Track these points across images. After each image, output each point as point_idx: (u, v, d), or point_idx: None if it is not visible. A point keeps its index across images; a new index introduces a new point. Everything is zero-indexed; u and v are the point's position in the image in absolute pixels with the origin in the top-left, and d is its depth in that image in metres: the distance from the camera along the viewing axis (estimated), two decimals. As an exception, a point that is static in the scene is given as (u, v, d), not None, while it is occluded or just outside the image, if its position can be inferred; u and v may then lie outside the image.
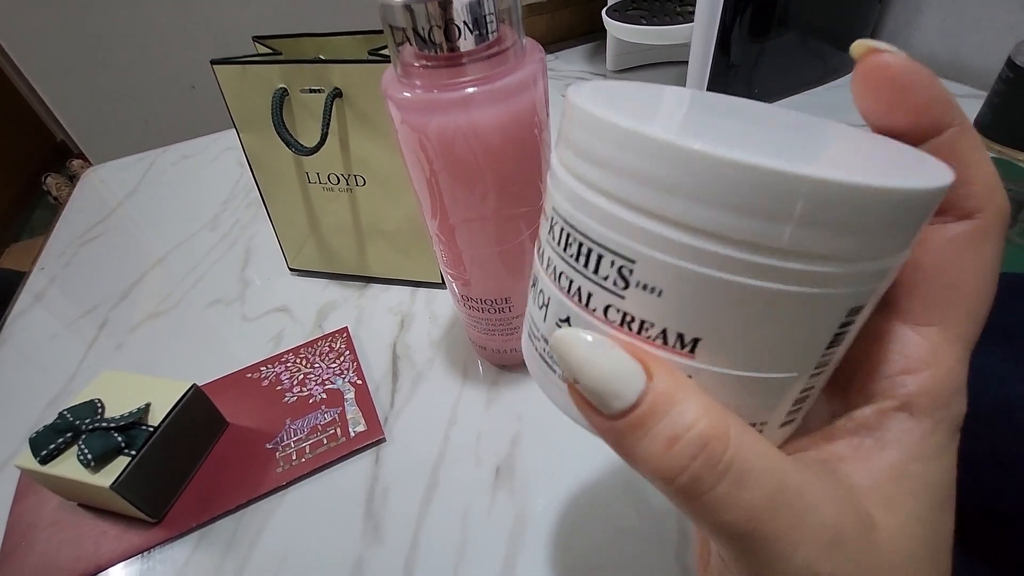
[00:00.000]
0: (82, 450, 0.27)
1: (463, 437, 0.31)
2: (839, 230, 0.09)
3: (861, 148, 0.12)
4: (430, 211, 0.27)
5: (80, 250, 0.52)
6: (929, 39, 0.58)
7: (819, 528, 0.10)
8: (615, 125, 0.10)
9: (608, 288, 0.11)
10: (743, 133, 0.12)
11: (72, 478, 0.26)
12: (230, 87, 0.36)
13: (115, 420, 0.28)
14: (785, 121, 0.14)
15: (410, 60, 0.22)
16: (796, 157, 0.10)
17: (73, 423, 0.28)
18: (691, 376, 0.11)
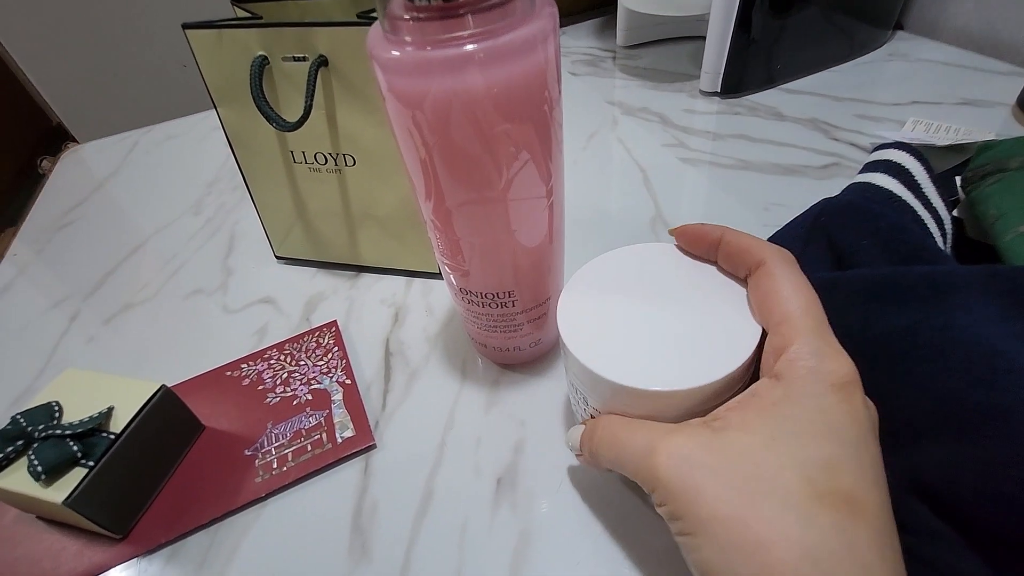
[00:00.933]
0: (32, 461, 0.24)
1: (461, 443, 0.28)
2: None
3: (698, 329, 0.21)
4: (423, 192, 0.23)
5: (55, 236, 0.49)
6: (964, 13, 0.54)
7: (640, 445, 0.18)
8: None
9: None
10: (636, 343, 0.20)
11: (22, 492, 0.24)
12: (205, 55, 0.33)
13: (72, 427, 0.25)
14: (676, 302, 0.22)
15: (399, 12, 0.19)
16: (655, 372, 0.19)
17: (25, 429, 0.25)
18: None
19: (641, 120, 0.52)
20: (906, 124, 0.44)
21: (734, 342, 0.19)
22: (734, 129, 0.49)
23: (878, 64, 0.54)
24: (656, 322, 0.21)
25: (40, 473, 0.23)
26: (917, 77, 0.51)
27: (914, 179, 0.29)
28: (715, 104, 0.53)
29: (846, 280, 0.22)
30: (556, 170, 0.23)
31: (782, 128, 0.48)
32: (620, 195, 0.43)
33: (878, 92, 0.50)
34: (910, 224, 0.26)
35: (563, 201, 0.25)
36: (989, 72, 0.50)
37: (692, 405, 0.19)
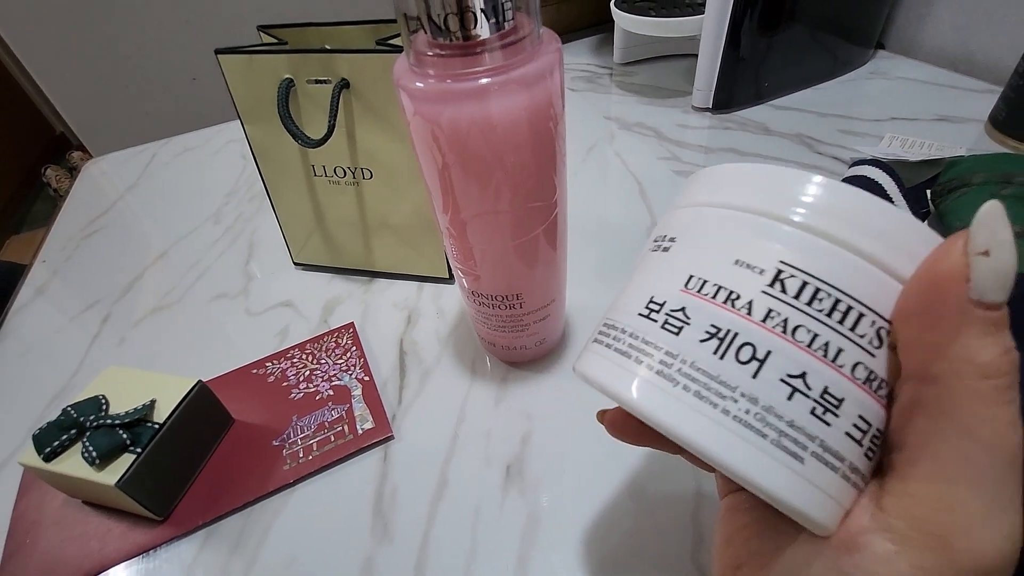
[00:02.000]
0: (87, 447, 0.26)
1: (472, 435, 0.31)
2: None
3: None
4: (442, 205, 0.26)
5: (82, 243, 0.52)
6: (940, 32, 0.57)
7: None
8: (878, 201, 0.12)
9: (863, 346, 0.12)
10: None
11: (77, 476, 0.26)
12: (235, 77, 0.35)
13: (120, 417, 0.27)
14: None
15: (423, 49, 0.22)
16: None
17: (77, 420, 0.27)
18: (883, 434, 0.13)
19: (637, 134, 0.55)
20: (883, 139, 0.47)
21: None
22: (725, 143, 0.52)
23: (860, 82, 0.57)
24: None
25: (95, 458, 0.26)
26: (896, 94, 0.54)
27: (886, 194, 0.32)
28: (707, 119, 0.56)
29: None
30: (560, 183, 0.26)
31: (770, 142, 0.51)
32: (617, 205, 0.46)
33: (859, 108, 0.53)
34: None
35: (567, 210, 0.28)
36: (964, 90, 0.53)
37: None
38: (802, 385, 0.12)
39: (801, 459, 0.12)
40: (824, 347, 0.12)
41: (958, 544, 0.11)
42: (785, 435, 0.12)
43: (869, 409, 0.12)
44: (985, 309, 0.11)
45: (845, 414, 0.12)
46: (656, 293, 0.14)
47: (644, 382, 0.13)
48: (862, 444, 0.12)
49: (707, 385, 0.12)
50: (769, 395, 0.12)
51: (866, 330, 0.12)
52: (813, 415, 0.12)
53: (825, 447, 0.12)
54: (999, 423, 0.11)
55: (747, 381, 0.12)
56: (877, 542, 0.12)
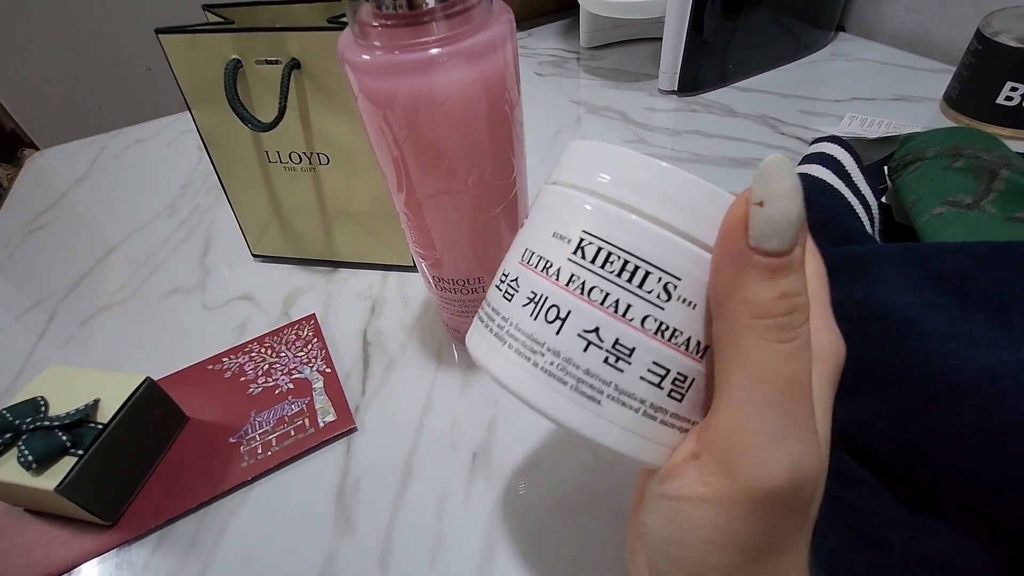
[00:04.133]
0: (22, 451, 0.24)
1: (438, 424, 0.30)
2: None
3: None
4: (395, 185, 0.25)
5: (26, 239, 0.49)
6: (898, 15, 0.58)
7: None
8: (670, 169, 0.14)
9: (651, 300, 0.14)
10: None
11: (13, 482, 0.24)
12: (179, 59, 0.34)
13: (60, 419, 0.26)
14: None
15: (368, 19, 0.21)
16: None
17: (12, 423, 0.26)
18: (693, 379, 0.14)
19: (604, 118, 0.55)
20: (843, 119, 0.48)
21: None
22: (690, 125, 0.52)
23: (822, 63, 0.58)
24: None
25: (31, 462, 0.24)
26: (856, 75, 0.55)
27: (844, 169, 0.32)
28: (673, 102, 0.56)
29: None
30: (518, 161, 0.25)
31: (734, 124, 0.51)
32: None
33: (821, 89, 0.53)
34: (841, 210, 0.29)
35: (527, 192, 0.27)
36: (920, 70, 0.54)
37: None
38: (595, 338, 0.14)
39: (598, 401, 0.14)
40: (615, 304, 0.14)
41: (740, 464, 0.12)
42: (583, 381, 0.14)
43: (663, 355, 0.14)
44: (763, 256, 0.12)
45: (637, 360, 0.14)
46: (505, 267, 0.17)
47: (482, 340, 0.16)
48: (662, 387, 0.14)
49: (524, 343, 0.15)
50: (569, 348, 0.14)
51: (653, 286, 0.14)
52: (606, 363, 0.14)
53: (620, 390, 0.14)
54: (773, 357, 0.12)
55: (552, 337, 0.14)
56: (689, 468, 0.13)
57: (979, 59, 0.43)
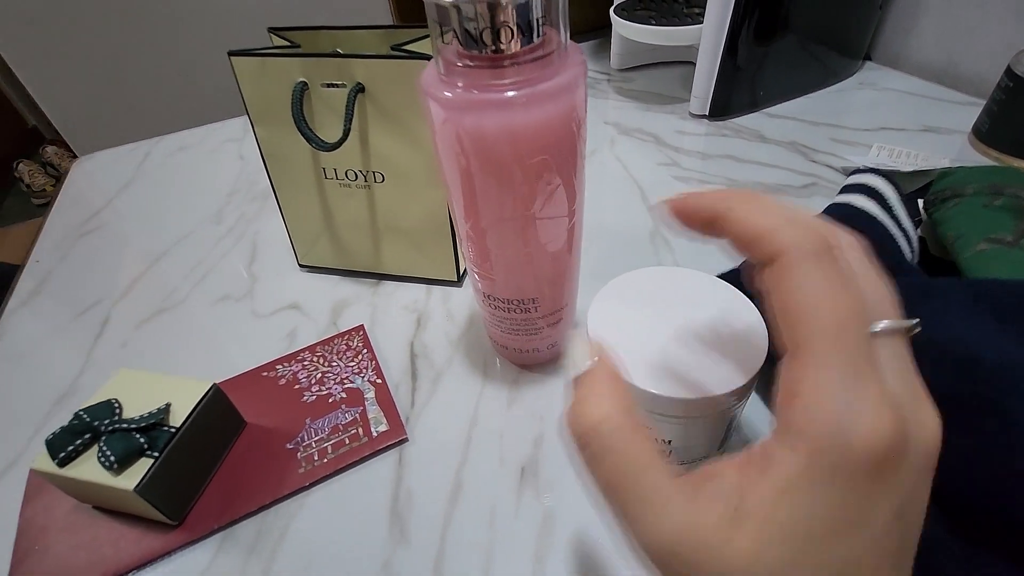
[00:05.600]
0: (103, 452, 0.26)
1: (486, 437, 0.31)
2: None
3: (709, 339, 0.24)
4: (463, 211, 0.26)
5: (77, 242, 0.51)
6: (926, 45, 0.60)
7: (662, 518, 0.14)
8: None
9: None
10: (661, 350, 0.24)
11: (93, 481, 0.26)
12: (247, 79, 0.35)
13: (135, 421, 0.27)
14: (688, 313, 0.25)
15: (452, 59, 0.22)
16: (672, 380, 0.23)
17: (91, 424, 0.27)
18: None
19: (637, 140, 0.56)
20: (872, 148, 0.49)
21: (742, 358, 0.23)
22: (722, 150, 0.53)
23: (849, 92, 0.59)
24: (673, 334, 0.24)
25: (112, 463, 0.25)
26: (884, 105, 0.56)
27: (887, 201, 0.33)
28: (704, 126, 0.57)
29: None
30: (579, 192, 0.27)
31: (765, 150, 0.52)
32: (620, 210, 0.47)
33: (849, 118, 0.55)
34: (887, 242, 0.30)
35: (583, 218, 0.29)
36: (948, 102, 0.55)
37: (705, 411, 0.23)
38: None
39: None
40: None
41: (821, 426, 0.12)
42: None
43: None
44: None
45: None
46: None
47: None
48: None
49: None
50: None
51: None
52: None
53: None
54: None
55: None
56: (776, 449, 0.13)
57: (1009, 96, 0.44)
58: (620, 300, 0.27)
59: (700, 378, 0.23)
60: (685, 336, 0.24)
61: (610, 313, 0.26)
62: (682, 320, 0.25)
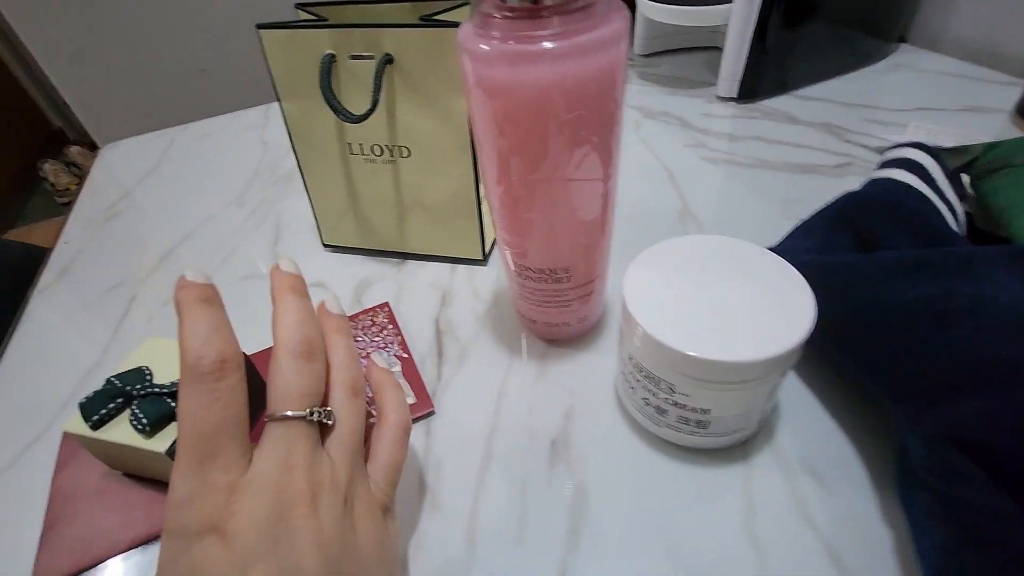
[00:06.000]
0: (136, 415, 0.26)
1: (515, 410, 0.31)
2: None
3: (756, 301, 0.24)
4: (495, 175, 0.26)
5: (105, 224, 0.51)
6: (965, 26, 0.58)
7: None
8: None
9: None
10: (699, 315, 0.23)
11: (126, 443, 0.26)
12: (275, 53, 0.35)
13: (167, 387, 0.27)
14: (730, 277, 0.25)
15: (490, 10, 0.22)
16: (713, 345, 0.22)
17: (124, 388, 0.27)
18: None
19: (662, 123, 0.55)
20: (907, 128, 0.47)
21: (787, 325, 0.22)
22: (751, 131, 0.52)
23: (883, 74, 0.58)
24: (714, 300, 0.24)
25: (145, 426, 0.25)
26: (921, 86, 0.54)
27: (929, 174, 0.32)
28: (732, 109, 0.56)
29: (877, 258, 0.25)
30: (616, 154, 0.26)
31: (796, 131, 0.51)
32: (649, 190, 0.46)
33: (885, 99, 0.53)
34: (930, 212, 0.29)
35: (618, 185, 0.28)
36: (989, 82, 0.53)
37: (741, 377, 0.22)
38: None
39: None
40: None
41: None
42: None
43: None
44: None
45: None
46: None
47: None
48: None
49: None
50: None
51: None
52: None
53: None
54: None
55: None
56: None
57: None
58: (658, 265, 0.26)
59: (740, 343, 0.22)
60: (726, 302, 0.24)
61: (647, 277, 0.25)
62: (724, 286, 0.24)
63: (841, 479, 0.25)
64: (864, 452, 0.26)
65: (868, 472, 0.25)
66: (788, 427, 0.28)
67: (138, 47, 1.26)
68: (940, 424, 0.20)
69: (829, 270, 0.26)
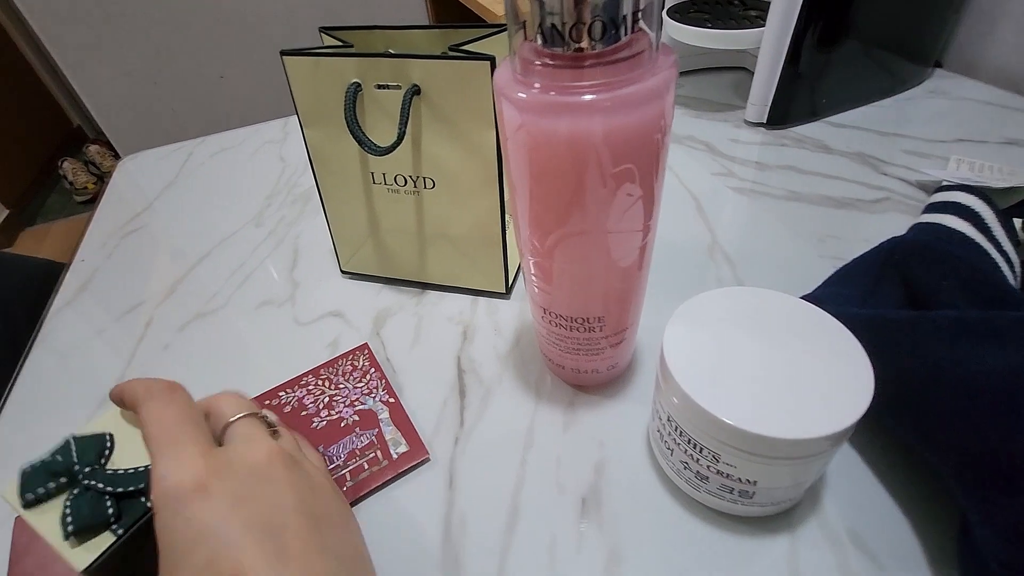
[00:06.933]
0: (67, 511, 0.22)
1: (542, 462, 0.29)
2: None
3: (805, 378, 0.22)
4: (529, 222, 0.25)
5: (121, 242, 0.51)
6: (1004, 52, 0.56)
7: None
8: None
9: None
10: (746, 390, 0.22)
11: (48, 539, 0.22)
12: (299, 80, 0.34)
13: (116, 478, 0.23)
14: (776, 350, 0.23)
15: (531, 57, 0.20)
16: (764, 417, 0.20)
17: (71, 466, 0.23)
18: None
19: (688, 148, 0.54)
20: (950, 161, 0.46)
21: (845, 395, 0.20)
22: (782, 160, 0.50)
23: (919, 101, 0.56)
24: (763, 364, 0.22)
25: (70, 532, 0.21)
26: (959, 115, 0.53)
27: (984, 222, 0.30)
28: (760, 135, 0.54)
29: (933, 318, 0.23)
30: (657, 206, 0.25)
31: (830, 161, 0.49)
32: (676, 223, 0.45)
33: (921, 128, 0.51)
34: (987, 267, 0.27)
35: (657, 232, 0.27)
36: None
37: (795, 454, 0.20)
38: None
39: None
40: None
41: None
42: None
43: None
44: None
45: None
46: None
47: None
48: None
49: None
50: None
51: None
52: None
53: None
54: None
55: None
56: None
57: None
58: (698, 322, 0.24)
59: (794, 416, 0.20)
60: (774, 365, 0.22)
61: (688, 335, 0.24)
62: (770, 347, 0.23)
63: (894, 555, 0.24)
64: (919, 527, 0.24)
65: (924, 549, 0.24)
66: (836, 494, 0.26)
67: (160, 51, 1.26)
68: (1021, 517, 0.19)
69: (878, 326, 0.25)
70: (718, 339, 0.24)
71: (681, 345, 0.24)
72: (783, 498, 0.24)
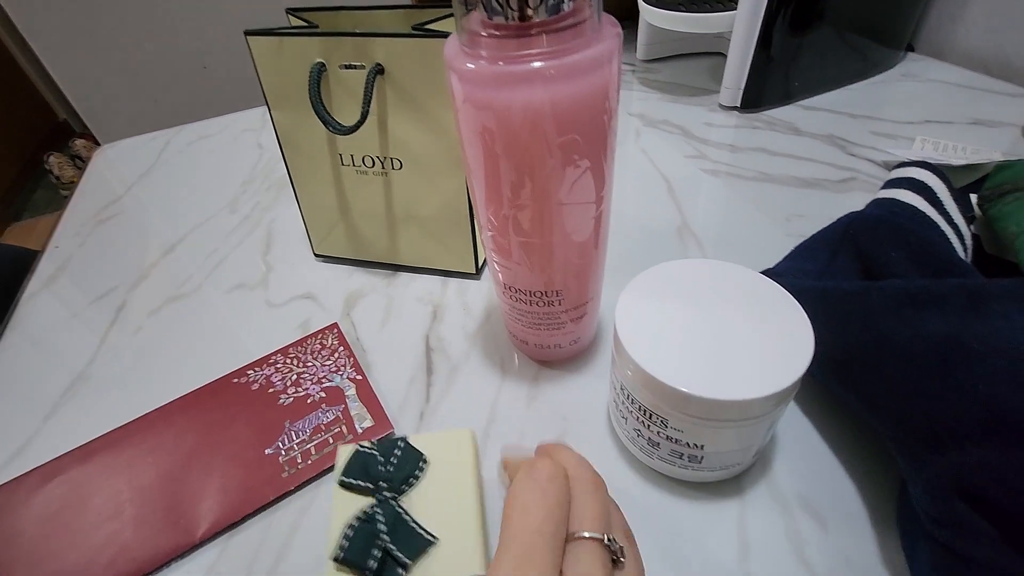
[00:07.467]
0: (346, 534, 0.23)
1: (505, 435, 0.30)
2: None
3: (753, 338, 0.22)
4: (485, 196, 0.25)
5: (95, 229, 0.51)
6: (973, 35, 0.56)
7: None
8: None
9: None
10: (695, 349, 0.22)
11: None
12: (264, 61, 0.34)
13: (400, 533, 0.23)
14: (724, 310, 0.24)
15: (477, 29, 0.21)
16: (706, 380, 0.21)
17: (377, 478, 0.24)
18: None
19: (663, 132, 0.54)
20: (915, 142, 0.46)
21: (785, 360, 0.21)
22: (753, 143, 0.51)
23: (890, 84, 0.56)
24: (709, 332, 0.23)
25: (338, 556, 0.22)
26: (928, 97, 0.53)
27: (936, 196, 0.31)
28: (734, 118, 0.55)
29: (881, 288, 0.24)
30: (609, 178, 0.25)
31: (800, 143, 0.50)
32: (646, 204, 0.45)
33: (891, 110, 0.52)
34: (937, 239, 0.28)
35: (611, 207, 0.27)
36: (999, 94, 0.52)
37: (737, 416, 0.21)
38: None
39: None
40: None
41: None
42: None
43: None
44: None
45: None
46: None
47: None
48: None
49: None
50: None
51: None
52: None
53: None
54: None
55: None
56: None
57: (1071, 85, 0.41)
58: (651, 293, 0.25)
59: (736, 379, 0.21)
60: (721, 333, 0.23)
61: (640, 306, 0.24)
62: (719, 316, 0.23)
63: (839, 517, 0.24)
64: (864, 489, 0.25)
65: (868, 511, 0.24)
66: (785, 459, 0.27)
67: (142, 42, 1.25)
68: (946, 473, 0.19)
69: (831, 298, 0.25)
70: (669, 309, 0.24)
71: (633, 315, 0.24)
72: (731, 462, 0.24)
